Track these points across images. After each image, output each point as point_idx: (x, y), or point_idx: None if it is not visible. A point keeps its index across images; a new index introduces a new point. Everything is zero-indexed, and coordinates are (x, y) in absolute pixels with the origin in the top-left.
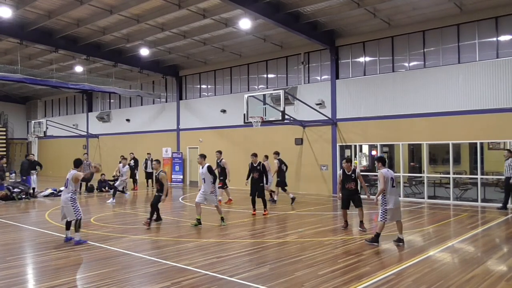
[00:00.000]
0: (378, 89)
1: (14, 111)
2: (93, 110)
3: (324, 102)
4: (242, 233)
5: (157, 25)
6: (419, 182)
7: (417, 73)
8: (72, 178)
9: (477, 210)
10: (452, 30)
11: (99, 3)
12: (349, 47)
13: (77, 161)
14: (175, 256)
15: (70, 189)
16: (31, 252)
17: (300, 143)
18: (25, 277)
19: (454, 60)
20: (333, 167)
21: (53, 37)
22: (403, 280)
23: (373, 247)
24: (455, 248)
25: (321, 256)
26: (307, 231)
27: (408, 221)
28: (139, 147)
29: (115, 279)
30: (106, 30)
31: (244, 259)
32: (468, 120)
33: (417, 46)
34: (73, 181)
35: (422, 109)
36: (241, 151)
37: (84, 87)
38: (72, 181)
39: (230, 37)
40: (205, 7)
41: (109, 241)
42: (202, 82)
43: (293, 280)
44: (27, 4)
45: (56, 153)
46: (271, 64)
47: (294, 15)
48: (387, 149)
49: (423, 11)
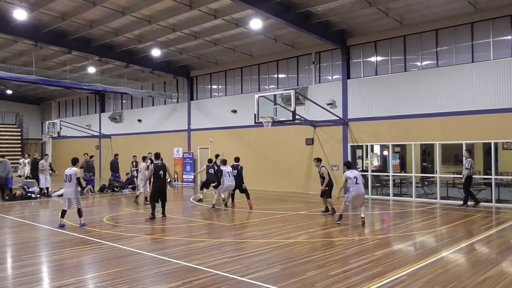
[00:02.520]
0: (390, 89)
1: (29, 111)
2: (106, 110)
3: (335, 102)
4: (253, 233)
5: (168, 26)
6: (432, 183)
7: (429, 73)
8: (75, 174)
9: (491, 211)
10: (466, 29)
11: (111, 5)
12: (361, 46)
13: (74, 160)
14: (186, 255)
15: (73, 184)
16: (45, 251)
17: (310, 143)
18: (39, 275)
19: (468, 59)
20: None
21: (66, 38)
22: (415, 281)
23: (386, 248)
24: (469, 249)
25: (332, 256)
26: (318, 232)
27: (421, 221)
28: (151, 148)
29: (127, 278)
30: (118, 31)
31: (255, 259)
32: (482, 120)
33: (429, 45)
34: (75, 176)
35: (434, 108)
36: (252, 151)
37: (96, 88)
38: (74, 177)
39: (241, 37)
40: (216, 7)
41: (121, 241)
42: (213, 82)
43: (305, 280)
44: (42, 6)
45: (69, 153)
46: (282, 64)
47: (305, 15)
48: (399, 149)
49: (436, 10)
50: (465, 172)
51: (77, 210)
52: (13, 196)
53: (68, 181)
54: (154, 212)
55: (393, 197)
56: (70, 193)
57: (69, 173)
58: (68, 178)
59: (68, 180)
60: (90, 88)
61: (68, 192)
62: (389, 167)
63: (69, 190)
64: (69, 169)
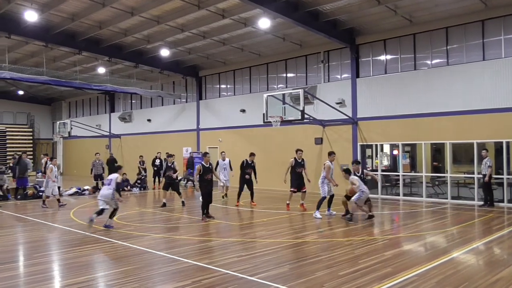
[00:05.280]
0: (399, 88)
1: (40, 112)
2: (115, 110)
3: (345, 101)
4: (262, 233)
5: (177, 26)
6: (442, 182)
7: (440, 71)
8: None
9: (503, 211)
10: (477, 26)
11: (120, 5)
12: (370, 45)
13: (118, 166)
14: (195, 254)
15: (112, 187)
16: (57, 249)
17: (320, 142)
18: (51, 273)
19: (479, 57)
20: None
21: (76, 39)
22: (426, 281)
23: (396, 248)
24: (480, 250)
25: (341, 256)
26: (327, 231)
27: (431, 222)
28: (160, 147)
29: (137, 277)
30: (128, 32)
31: (264, 259)
32: (493, 119)
33: (439, 43)
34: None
35: (445, 107)
36: (261, 151)
37: (106, 88)
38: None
39: (249, 36)
40: (224, 7)
41: (132, 239)
42: (222, 82)
43: (314, 280)
44: (52, 7)
45: (80, 153)
46: (290, 63)
47: (314, 14)
48: (409, 148)
49: (446, 7)
50: (487, 170)
51: (113, 209)
52: (25, 195)
53: (108, 184)
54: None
55: (403, 197)
56: (107, 196)
57: (110, 178)
58: (108, 182)
59: (108, 183)
60: (100, 88)
61: (105, 194)
62: (399, 166)
63: (107, 193)
64: (112, 175)
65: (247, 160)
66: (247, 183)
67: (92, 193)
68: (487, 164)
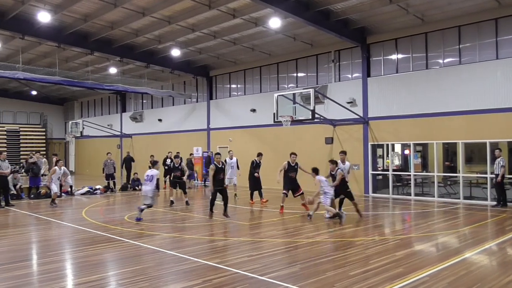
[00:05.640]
0: (411, 87)
1: (53, 112)
2: (127, 110)
3: (356, 100)
4: (272, 232)
5: (188, 26)
6: (454, 182)
7: (452, 70)
8: (157, 175)
9: None
10: (490, 25)
11: (132, 6)
12: (381, 44)
13: (154, 162)
14: (206, 254)
15: (153, 184)
16: (69, 248)
17: (330, 142)
18: (63, 272)
19: (492, 55)
20: (365, 167)
21: (88, 40)
22: (437, 282)
23: (408, 248)
24: (493, 250)
25: (352, 256)
26: (338, 231)
27: (443, 222)
28: (171, 147)
29: (148, 276)
30: (139, 32)
31: (274, 258)
32: (506, 118)
33: (452, 42)
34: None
35: (457, 106)
36: (271, 150)
37: (118, 88)
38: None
39: (259, 36)
40: (235, 7)
41: (143, 239)
42: (232, 81)
43: (324, 280)
44: (65, 8)
45: (92, 152)
46: (301, 62)
47: (324, 13)
48: (420, 148)
49: (458, 6)
50: (500, 170)
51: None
52: (38, 194)
53: (149, 180)
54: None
55: (414, 196)
56: (150, 191)
57: (151, 174)
58: (150, 178)
59: (149, 180)
60: (112, 88)
61: (148, 190)
62: (410, 166)
63: (149, 189)
64: (150, 171)
65: (257, 160)
66: (257, 182)
67: (103, 193)
68: (500, 163)
